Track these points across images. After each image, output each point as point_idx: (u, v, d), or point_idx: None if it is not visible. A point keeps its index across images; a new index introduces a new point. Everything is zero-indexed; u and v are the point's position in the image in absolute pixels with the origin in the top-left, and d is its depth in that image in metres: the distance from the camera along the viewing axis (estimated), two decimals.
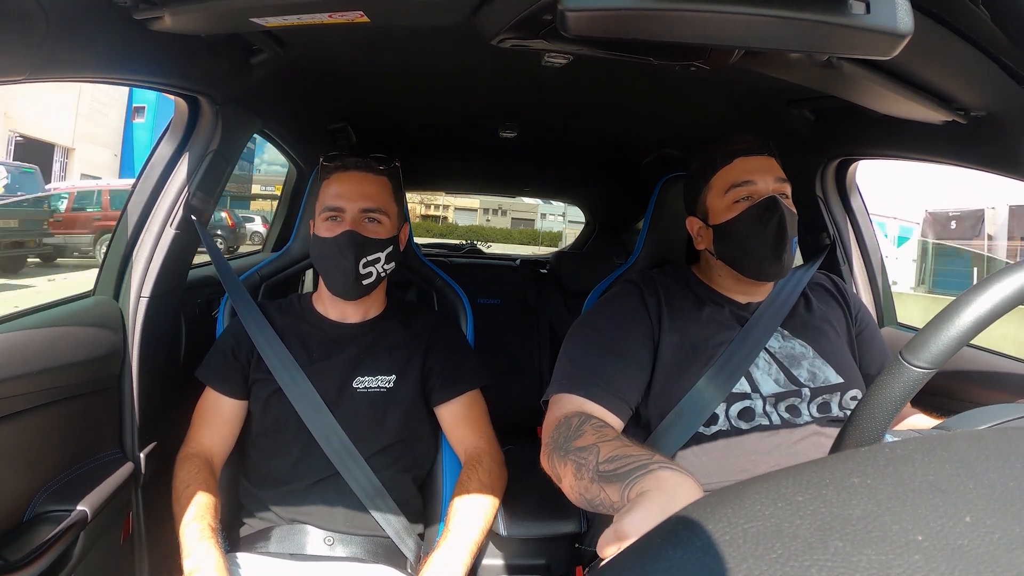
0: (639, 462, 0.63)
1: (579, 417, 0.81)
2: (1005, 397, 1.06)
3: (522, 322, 2.21)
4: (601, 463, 0.68)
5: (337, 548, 0.99)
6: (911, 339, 0.51)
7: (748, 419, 0.90)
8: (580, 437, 0.76)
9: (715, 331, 0.95)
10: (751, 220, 0.94)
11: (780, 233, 0.92)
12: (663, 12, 0.62)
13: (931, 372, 0.50)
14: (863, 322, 1.05)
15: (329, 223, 1.05)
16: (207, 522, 0.90)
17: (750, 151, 0.98)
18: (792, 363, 0.94)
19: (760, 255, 0.94)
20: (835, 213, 1.39)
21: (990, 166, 0.99)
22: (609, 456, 0.68)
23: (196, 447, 1.03)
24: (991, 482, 0.26)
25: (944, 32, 0.71)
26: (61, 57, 0.71)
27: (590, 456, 0.71)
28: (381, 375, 1.07)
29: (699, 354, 0.93)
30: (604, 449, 0.70)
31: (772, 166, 0.97)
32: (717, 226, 0.98)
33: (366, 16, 0.78)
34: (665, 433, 0.90)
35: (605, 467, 0.67)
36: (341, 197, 1.05)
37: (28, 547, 0.83)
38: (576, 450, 0.74)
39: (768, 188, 0.95)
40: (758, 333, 0.94)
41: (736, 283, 1.01)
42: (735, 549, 0.24)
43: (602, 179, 2.56)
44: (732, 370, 0.91)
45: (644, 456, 0.64)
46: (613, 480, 0.64)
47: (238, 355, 1.07)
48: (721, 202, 0.98)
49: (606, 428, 0.77)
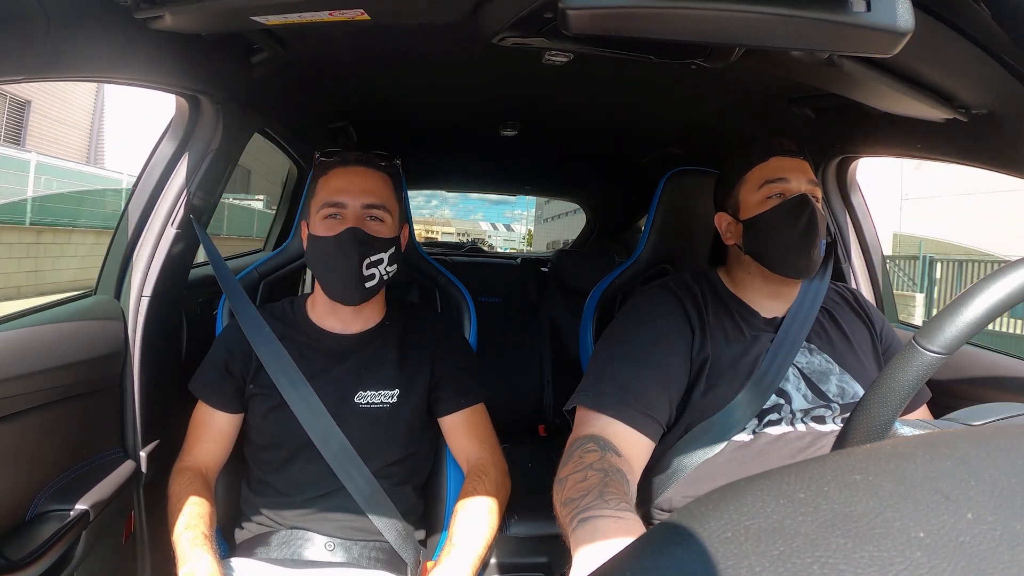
0: (576, 510, 0.66)
1: (581, 441, 0.81)
2: (1006, 397, 1.06)
3: (523, 320, 2.21)
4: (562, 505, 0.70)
5: (337, 553, 0.99)
6: (925, 324, 0.51)
7: (772, 425, 0.91)
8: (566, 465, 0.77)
9: (747, 346, 0.95)
10: (783, 214, 0.95)
11: (810, 228, 0.93)
12: (663, 10, 0.62)
13: (944, 357, 0.50)
14: (888, 338, 1.05)
15: (329, 221, 0.98)
16: (200, 530, 0.90)
17: (787, 151, 0.99)
18: (820, 379, 0.94)
19: (789, 250, 0.94)
20: (836, 211, 1.39)
21: (991, 163, 0.99)
22: (565, 498, 0.70)
23: (191, 460, 1.01)
24: (992, 479, 0.26)
25: (945, 30, 0.71)
26: (61, 57, 0.71)
27: (560, 492, 0.73)
28: (384, 390, 1.03)
29: (735, 370, 0.93)
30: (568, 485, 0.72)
31: (806, 168, 0.98)
32: (748, 220, 0.99)
33: (367, 14, 0.78)
34: (695, 442, 0.90)
35: (561, 510, 0.70)
36: (343, 192, 0.99)
37: (30, 546, 0.83)
38: (557, 481, 0.76)
39: (801, 187, 0.96)
40: (788, 347, 0.95)
41: (764, 285, 1.00)
42: (737, 546, 0.24)
43: (603, 177, 2.56)
44: (765, 387, 0.91)
45: (584, 501, 0.66)
46: (563, 529, 0.68)
47: (231, 368, 1.03)
48: (754, 197, 0.98)
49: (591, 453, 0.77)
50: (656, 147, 1.90)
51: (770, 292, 1.01)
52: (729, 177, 1.04)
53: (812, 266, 0.95)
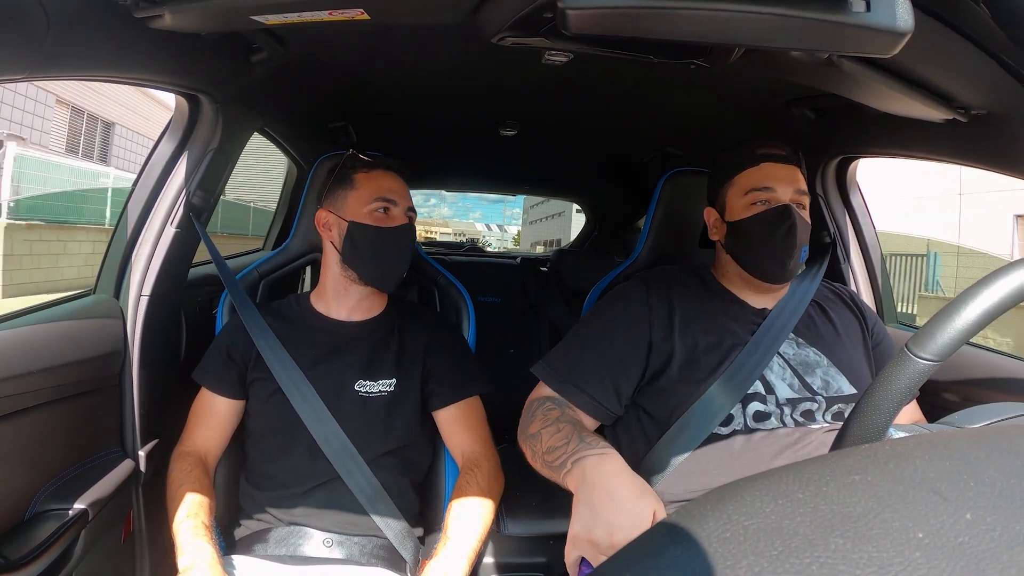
0: (565, 454, 0.78)
1: (539, 401, 0.93)
2: (1006, 397, 1.06)
3: (522, 320, 2.21)
4: (544, 453, 0.82)
5: (336, 549, 0.99)
6: (917, 331, 0.51)
7: (762, 421, 0.91)
8: (532, 422, 0.89)
9: (729, 334, 0.96)
10: (763, 224, 0.96)
11: (788, 241, 0.94)
12: (663, 10, 0.62)
13: (937, 364, 0.49)
14: (879, 335, 1.06)
15: (379, 215, 1.06)
16: (201, 520, 0.91)
17: (778, 159, 1.00)
18: (806, 371, 0.95)
19: (766, 259, 0.96)
20: (835, 211, 1.39)
21: (991, 164, 0.99)
22: (548, 447, 0.82)
23: (191, 446, 1.03)
24: (991, 480, 0.26)
25: (944, 30, 0.71)
26: (61, 56, 0.70)
27: (536, 444, 0.85)
28: (383, 379, 1.06)
29: (712, 356, 0.94)
30: (544, 437, 0.84)
31: (796, 176, 0.99)
32: (731, 223, 1.01)
33: (366, 14, 0.78)
34: (679, 434, 0.91)
35: (547, 458, 0.81)
36: (394, 192, 1.08)
37: (29, 545, 0.83)
38: (529, 437, 0.88)
39: (786, 198, 0.97)
40: (771, 337, 0.95)
41: (744, 284, 1.02)
42: (735, 546, 0.24)
43: (602, 177, 2.56)
44: (746, 374, 0.92)
45: (571, 447, 0.79)
46: (553, 471, 0.80)
47: (233, 355, 1.07)
48: (739, 201, 1.00)
49: (552, 411, 0.89)
50: (655, 147, 1.90)
51: (752, 289, 1.02)
52: (719, 176, 1.06)
53: (788, 274, 0.97)
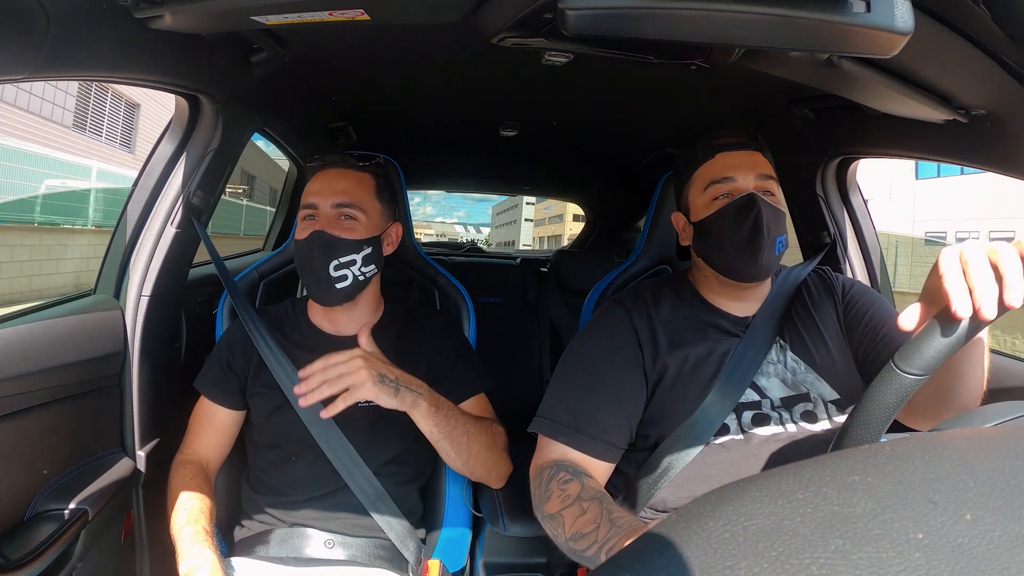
0: (595, 542, 0.71)
1: (550, 470, 0.84)
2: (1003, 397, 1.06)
3: (523, 320, 2.21)
4: (570, 540, 0.75)
5: (337, 550, 0.99)
6: (902, 347, 0.51)
7: (762, 424, 0.89)
8: (548, 499, 0.80)
9: (715, 344, 0.92)
10: (726, 218, 0.89)
11: (756, 232, 0.87)
12: (663, 11, 0.62)
13: (923, 379, 0.50)
14: (852, 299, 0.98)
15: (304, 223, 1.01)
16: (201, 525, 0.90)
17: (733, 146, 0.93)
18: (793, 373, 0.93)
19: (735, 255, 0.89)
20: (835, 212, 1.39)
21: (991, 165, 0.99)
22: (574, 533, 0.74)
23: (191, 454, 1.03)
24: (991, 480, 0.26)
25: (944, 31, 0.71)
26: (62, 56, 0.70)
27: (558, 527, 0.77)
28: None
29: (702, 369, 0.90)
30: (568, 520, 0.76)
31: (756, 162, 0.92)
32: (696, 223, 0.95)
33: (366, 14, 0.78)
34: (676, 442, 0.88)
35: (573, 545, 0.74)
36: (315, 194, 1.02)
37: (29, 545, 0.83)
38: (547, 517, 0.80)
39: (748, 186, 0.90)
40: (759, 341, 0.92)
41: (722, 288, 0.96)
42: (736, 547, 0.24)
43: (602, 177, 2.56)
44: (737, 381, 0.89)
45: (600, 533, 0.71)
46: (585, 561, 0.74)
47: (234, 366, 1.05)
48: (701, 199, 0.94)
49: (570, 483, 0.80)
50: (655, 147, 1.90)
51: (732, 294, 0.96)
52: (680, 176, 1.00)
53: (763, 269, 0.89)
